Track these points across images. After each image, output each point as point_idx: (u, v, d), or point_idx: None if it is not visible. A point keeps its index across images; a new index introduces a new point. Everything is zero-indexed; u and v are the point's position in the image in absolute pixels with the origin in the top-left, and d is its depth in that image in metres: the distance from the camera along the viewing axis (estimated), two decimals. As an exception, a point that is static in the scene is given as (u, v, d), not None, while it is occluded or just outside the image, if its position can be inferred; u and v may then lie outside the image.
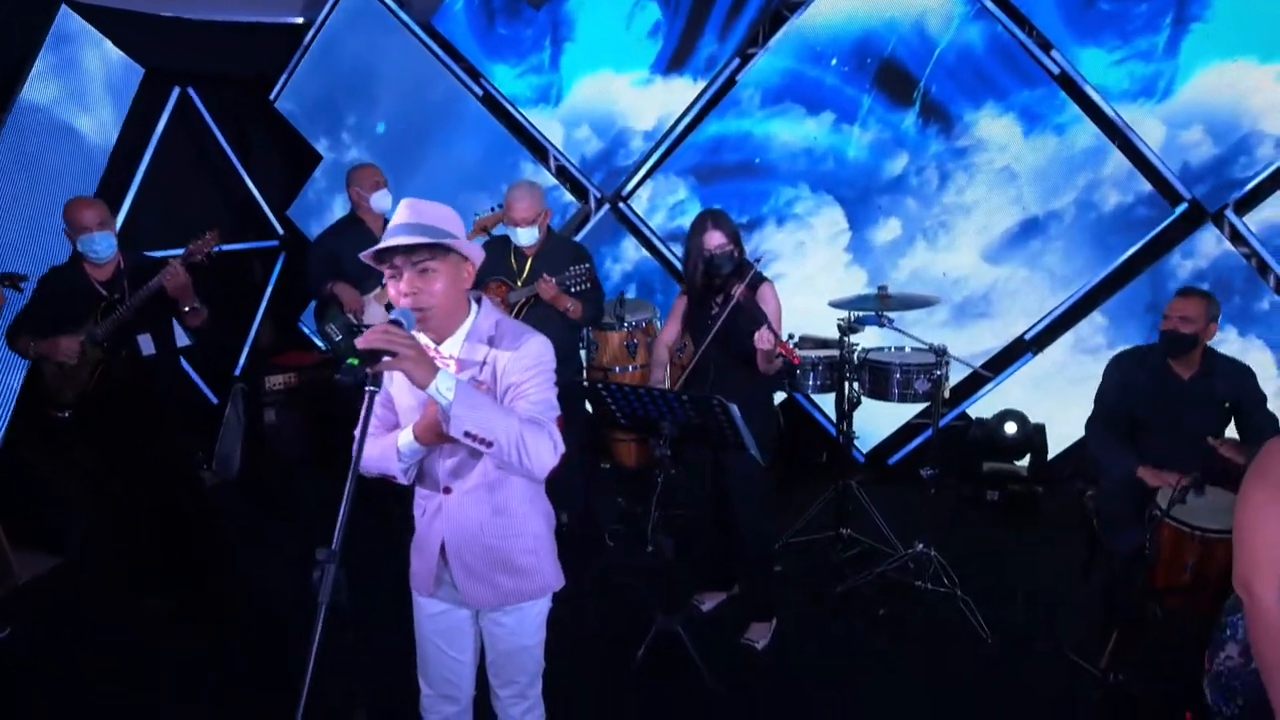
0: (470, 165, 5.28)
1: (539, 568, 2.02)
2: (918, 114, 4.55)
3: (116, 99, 4.46)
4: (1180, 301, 2.93)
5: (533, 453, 1.74)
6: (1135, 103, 4.25)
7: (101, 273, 3.23)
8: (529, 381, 1.84)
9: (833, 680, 3.06)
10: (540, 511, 2.04)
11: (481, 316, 1.90)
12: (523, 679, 2.09)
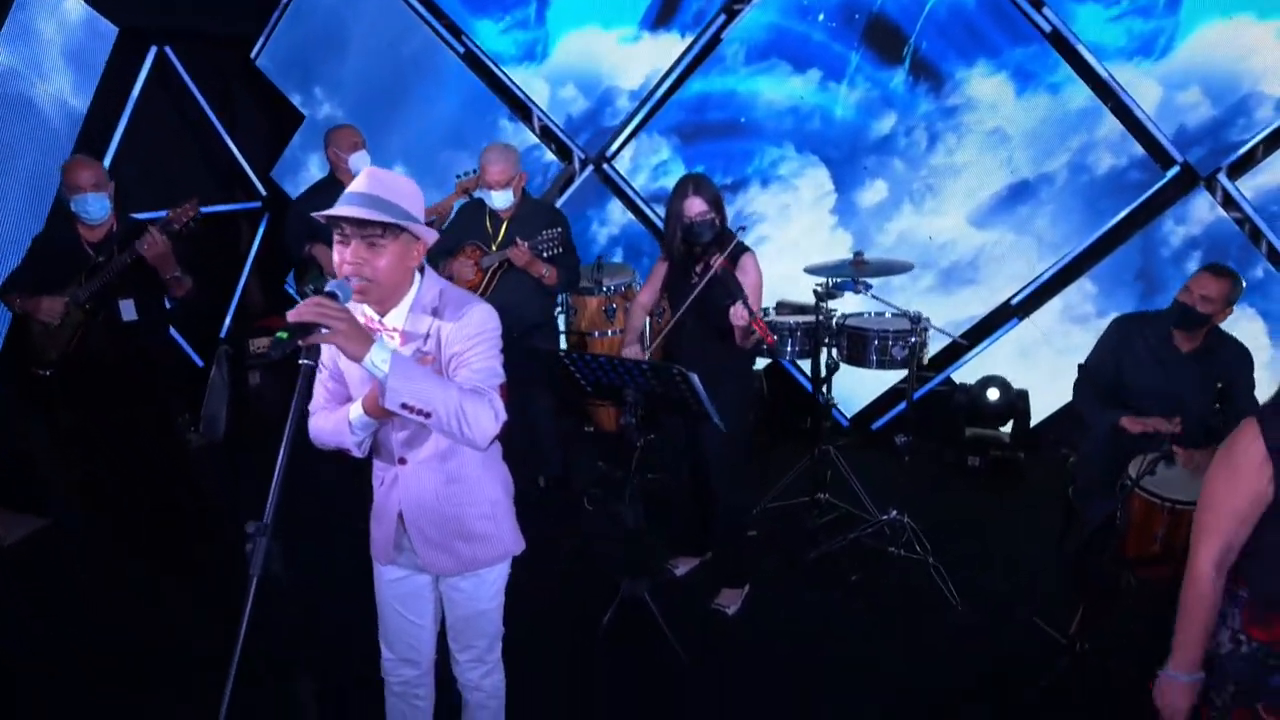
0: (451, 124, 5.17)
1: (497, 534, 2.02)
2: (907, 72, 4.42)
3: (89, 59, 4.35)
4: (1207, 279, 2.79)
5: (473, 422, 1.72)
6: (1131, 62, 4.11)
7: (94, 234, 3.21)
8: (472, 350, 1.82)
9: (801, 646, 3.07)
10: (496, 478, 2.04)
11: (425, 287, 1.88)
12: (481, 643, 2.11)
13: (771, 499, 3.97)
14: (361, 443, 1.91)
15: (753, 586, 3.35)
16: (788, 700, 2.81)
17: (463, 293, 1.92)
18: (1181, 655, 1.67)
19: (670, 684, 2.86)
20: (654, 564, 3.45)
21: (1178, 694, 1.68)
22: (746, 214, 4.72)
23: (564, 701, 2.78)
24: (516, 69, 5.08)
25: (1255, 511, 1.59)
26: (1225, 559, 1.63)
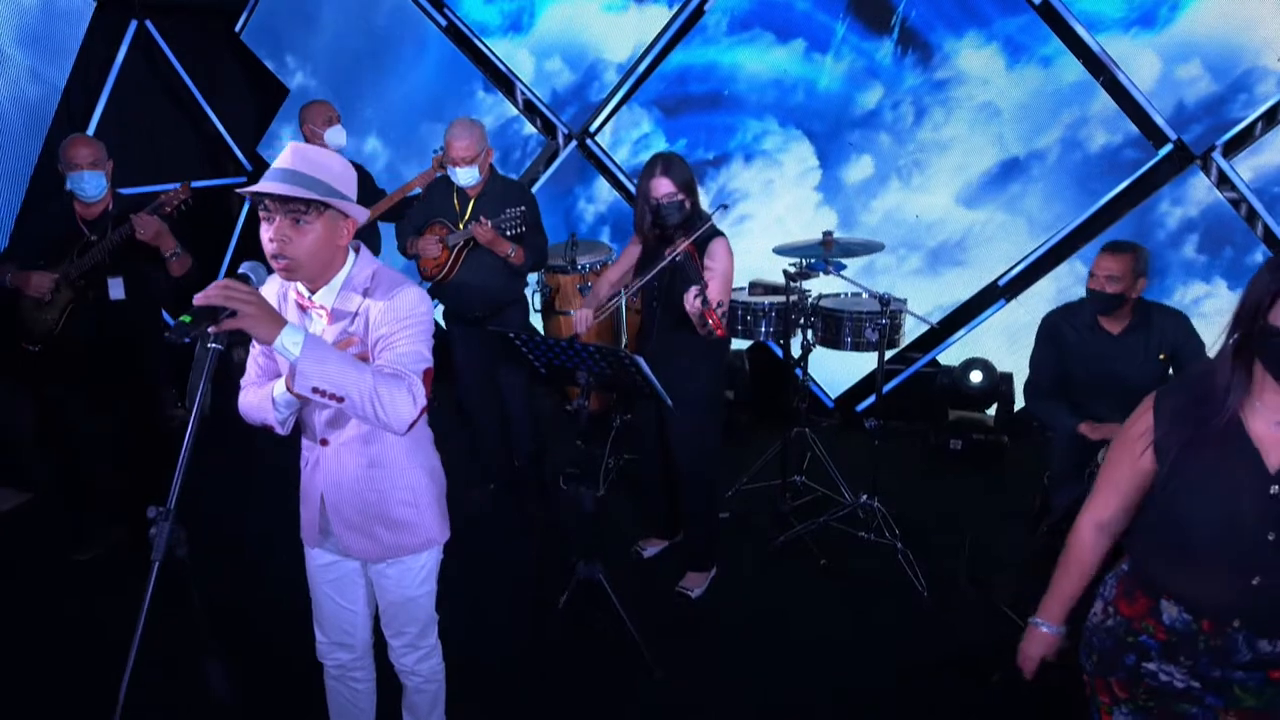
0: (431, 95, 5.08)
1: (419, 521, 1.97)
2: (895, 43, 4.27)
3: (66, 34, 4.29)
4: (1106, 258, 2.75)
5: (388, 406, 1.66)
6: (1129, 33, 3.93)
7: (90, 212, 3.21)
8: (398, 333, 1.76)
9: (762, 630, 3.03)
10: (420, 464, 1.98)
11: (358, 266, 1.82)
12: (412, 629, 2.08)
13: (746, 480, 3.91)
14: (285, 420, 1.86)
15: (720, 569, 3.31)
16: (743, 684, 2.76)
17: (395, 274, 1.86)
18: (1046, 605, 1.71)
19: (625, 666, 2.81)
20: (613, 546, 3.42)
21: (1034, 642, 1.73)
22: (729, 190, 4.61)
23: (517, 682, 2.76)
24: (501, 40, 4.96)
25: (1134, 484, 1.56)
26: (1107, 524, 1.63)
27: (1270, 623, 1.46)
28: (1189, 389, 1.50)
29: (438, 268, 3.62)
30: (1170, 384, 1.57)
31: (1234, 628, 1.46)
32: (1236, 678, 1.49)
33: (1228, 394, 1.42)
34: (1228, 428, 1.43)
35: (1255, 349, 1.39)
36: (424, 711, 2.20)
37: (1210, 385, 1.45)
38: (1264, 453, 1.43)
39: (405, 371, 1.72)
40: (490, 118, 5.05)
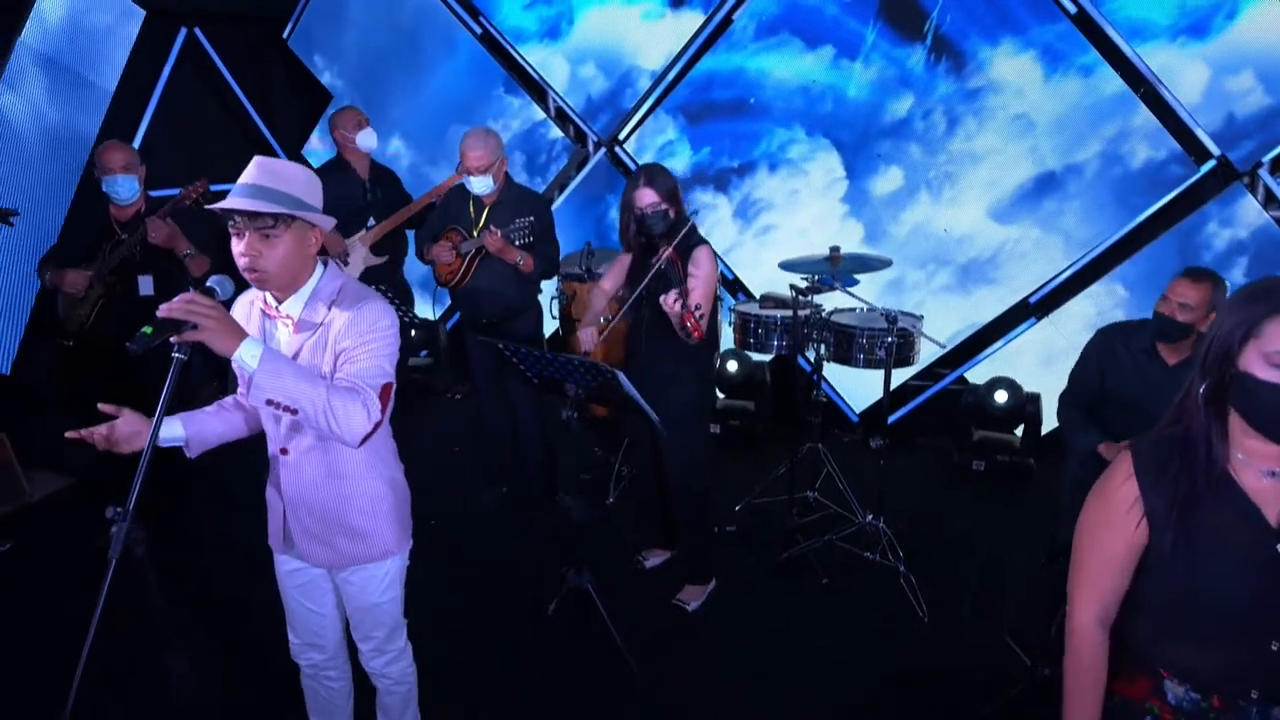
0: (460, 99, 5.15)
1: (377, 531, 1.99)
2: (927, 50, 4.12)
3: (117, 42, 4.50)
4: (1184, 284, 2.58)
5: (342, 420, 1.70)
6: (1175, 42, 3.70)
7: (123, 213, 3.38)
8: (360, 347, 1.80)
9: (757, 648, 2.99)
10: (379, 475, 2.00)
11: (326, 279, 1.86)
12: (378, 634, 2.11)
13: (758, 494, 3.86)
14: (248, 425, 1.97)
15: (722, 582, 3.29)
16: (728, 699, 2.74)
17: (362, 288, 1.90)
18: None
19: (611, 675, 2.81)
20: (618, 555, 3.44)
21: None
22: (753, 199, 4.54)
23: (500, 686, 2.79)
24: (537, 46, 4.99)
25: (1131, 561, 1.40)
26: (1108, 614, 1.44)
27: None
28: (1167, 446, 1.37)
29: (451, 274, 3.68)
30: (1142, 444, 1.41)
31: (1250, 699, 1.34)
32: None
33: (1211, 447, 1.31)
34: (1218, 484, 1.32)
35: (1229, 397, 1.29)
36: (396, 712, 2.24)
37: (1188, 439, 1.34)
38: (1263, 507, 1.31)
39: (362, 386, 1.75)
40: (517, 121, 5.11)
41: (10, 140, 4.03)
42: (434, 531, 3.70)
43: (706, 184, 4.73)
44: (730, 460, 4.37)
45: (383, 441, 2.01)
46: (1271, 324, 1.24)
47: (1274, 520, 1.31)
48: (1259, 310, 1.26)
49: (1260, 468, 1.31)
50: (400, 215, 4.03)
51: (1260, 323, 1.25)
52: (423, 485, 3.96)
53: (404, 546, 2.08)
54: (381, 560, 2.03)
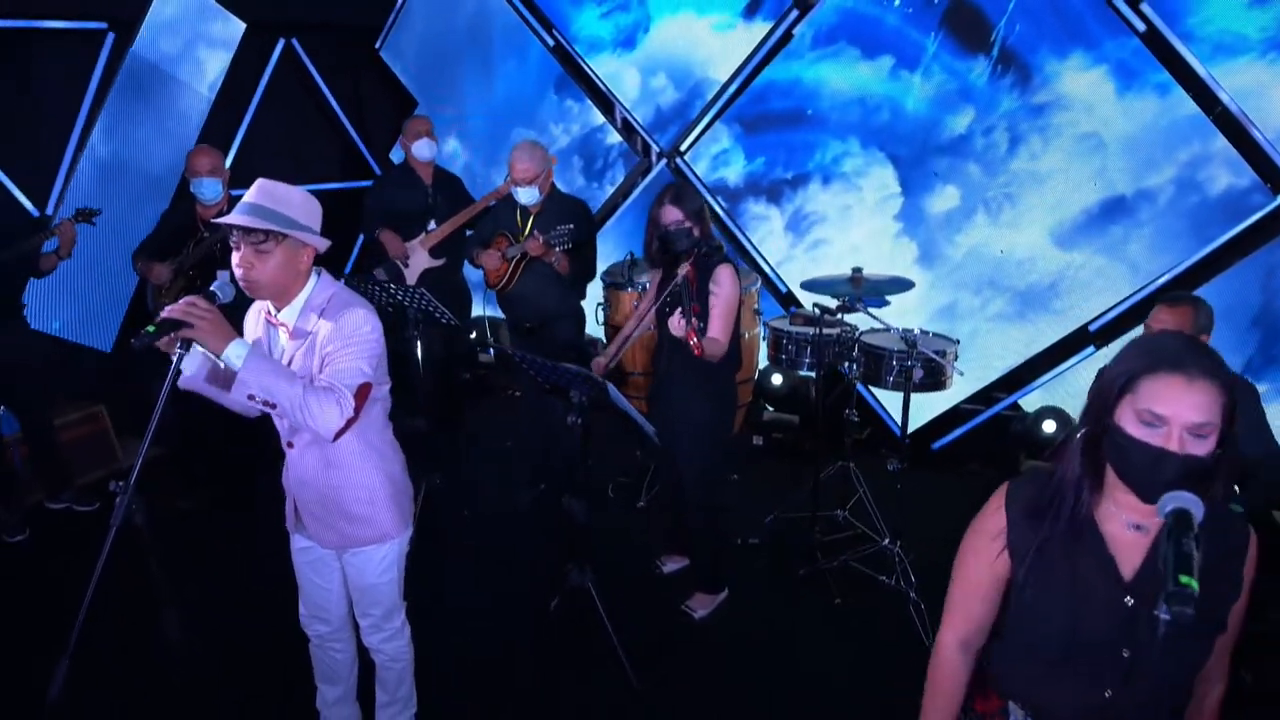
0: (525, 104, 5.31)
1: (374, 517, 2.17)
2: (993, 62, 3.92)
3: (218, 52, 4.91)
4: (1162, 311, 2.56)
5: (316, 415, 1.88)
6: (1266, 58, 3.37)
7: (208, 212, 3.74)
8: (339, 351, 1.97)
9: (757, 661, 3.01)
10: (375, 466, 2.17)
11: (318, 290, 2.05)
12: (376, 611, 2.30)
13: (788, 509, 3.84)
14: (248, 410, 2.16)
15: (736, 594, 3.32)
16: (721, 710, 2.77)
17: (351, 298, 2.06)
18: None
19: (607, 675, 2.89)
20: (641, 559, 3.54)
21: None
22: (805, 212, 4.48)
23: (497, 677, 2.92)
24: (610, 56, 5.07)
25: (995, 589, 1.44)
26: (972, 638, 1.50)
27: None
28: (1042, 485, 1.38)
29: (498, 278, 3.86)
30: (1022, 479, 1.44)
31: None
32: None
33: (1079, 493, 1.32)
34: (1081, 529, 1.33)
35: (1104, 447, 1.29)
36: (392, 686, 2.43)
37: (1061, 481, 1.35)
38: (1118, 559, 1.32)
39: (338, 386, 1.93)
40: (576, 126, 5.23)
41: (121, 140, 4.52)
42: (465, 525, 3.92)
43: (760, 195, 4.71)
44: (770, 472, 4.35)
45: (377, 434, 2.18)
46: (1146, 381, 1.23)
47: (1129, 573, 1.32)
48: (1138, 366, 1.26)
49: (1127, 519, 1.32)
50: (457, 220, 4.25)
51: (1137, 379, 1.25)
52: (468, 479, 4.23)
53: (401, 532, 2.24)
54: (380, 543, 2.21)
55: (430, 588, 3.32)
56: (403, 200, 4.32)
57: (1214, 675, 1.38)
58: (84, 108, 4.34)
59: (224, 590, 3.32)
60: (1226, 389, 1.22)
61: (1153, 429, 1.21)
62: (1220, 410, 1.21)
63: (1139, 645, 1.29)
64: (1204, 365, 1.22)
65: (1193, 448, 1.20)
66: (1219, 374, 1.22)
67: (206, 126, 4.84)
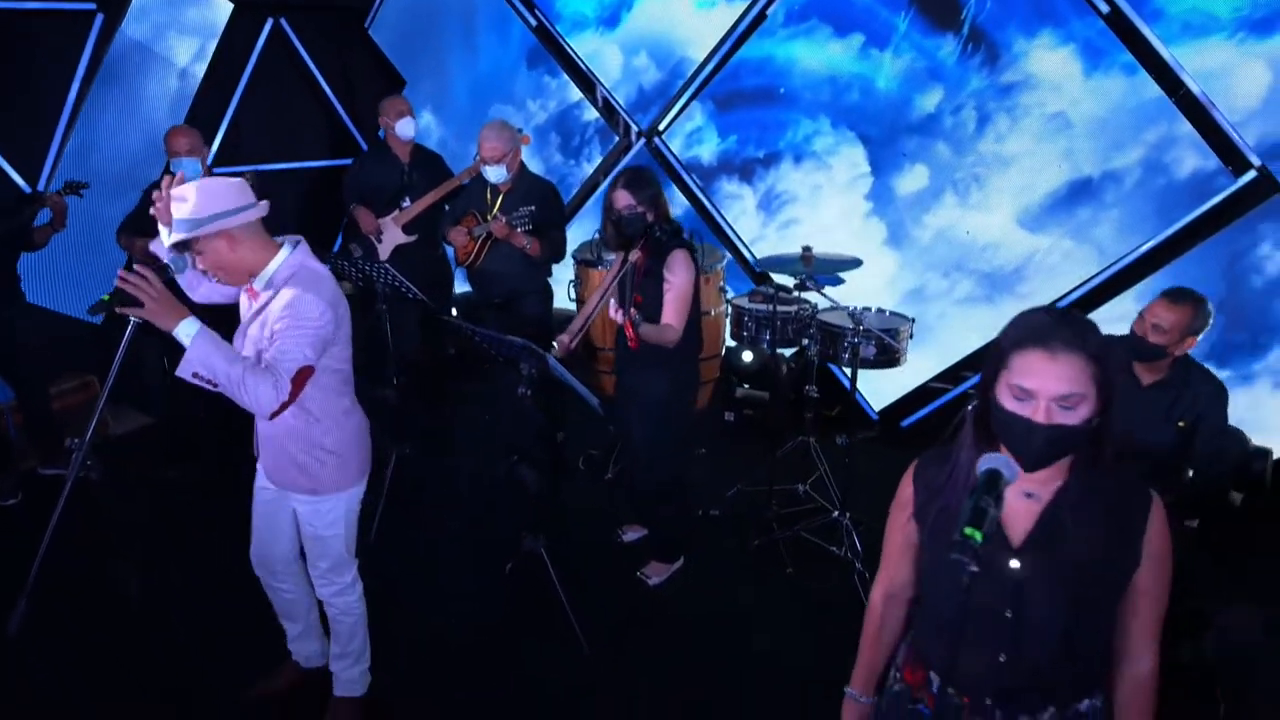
0: (503, 80, 5.32)
1: (317, 472, 2.31)
2: (963, 41, 3.87)
3: (207, 32, 4.97)
4: (1161, 306, 2.47)
5: (251, 393, 2.01)
6: (1235, 39, 3.29)
7: None
8: (285, 331, 2.08)
9: (703, 623, 3.13)
10: (328, 431, 2.30)
11: (284, 264, 2.16)
12: (324, 563, 2.43)
13: (751, 483, 3.92)
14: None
15: (692, 564, 3.42)
16: (666, 668, 2.89)
17: (313, 279, 2.16)
18: (854, 674, 1.70)
19: (559, 636, 3.00)
20: (607, 528, 3.64)
21: (847, 711, 1.71)
22: (777, 191, 4.48)
23: (451, 637, 3.04)
24: (593, 35, 5.06)
25: (907, 554, 1.54)
26: (895, 594, 1.60)
27: (1024, 699, 1.41)
28: (945, 458, 1.45)
29: (466, 255, 3.94)
30: (930, 453, 1.51)
31: (988, 704, 1.42)
32: None
33: (966, 460, 1.38)
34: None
35: (990, 420, 1.34)
36: (344, 639, 2.56)
37: (958, 454, 1.41)
38: (1008, 525, 1.37)
39: (278, 369, 2.04)
40: (554, 102, 5.24)
41: (111, 118, 4.65)
42: (436, 493, 4.04)
43: (733, 174, 4.72)
44: (739, 447, 4.42)
45: (332, 402, 2.29)
46: (1015, 357, 1.28)
47: (1017, 539, 1.36)
48: (1008, 342, 1.30)
49: (1021, 488, 1.34)
50: (429, 198, 4.32)
51: (1008, 354, 1.29)
52: (445, 449, 4.34)
53: (347, 489, 2.37)
54: (317, 495, 2.34)
55: (396, 552, 3.47)
56: (378, 177, 4.41)
57: (1135, 651, 1.39)
58: (74, 86, 4.46)
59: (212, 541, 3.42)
60: (1094, 359, 1.25)
61: (1023, 402, 1.26)
62: (1089, 380, 1.25)
63: (1020, 606, 1.34)
64: (1068, 339, 1.25)
65: (1061, 418, 1.24)
66: (1085, 346, 1.25)
67: (195, 105, 4.95)
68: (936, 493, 1.43)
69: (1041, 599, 1.34)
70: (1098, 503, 1.33)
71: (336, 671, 2.59)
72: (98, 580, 2.94)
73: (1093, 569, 1.32)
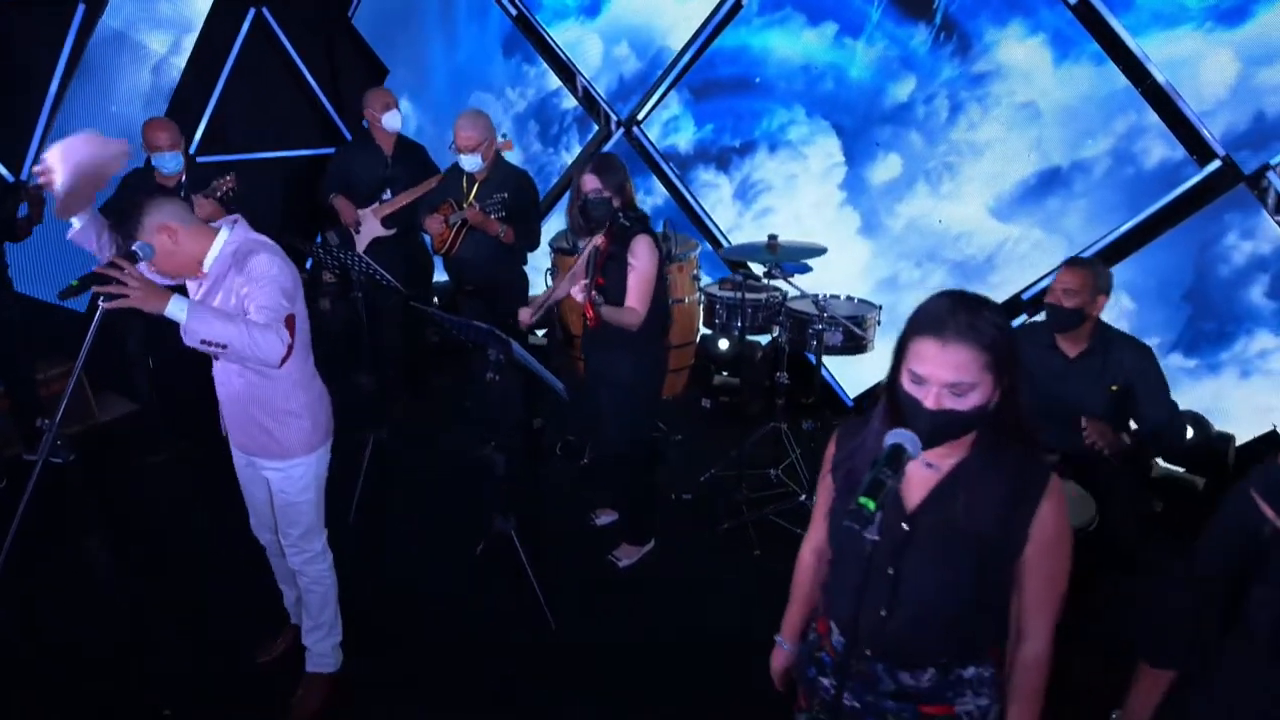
0: (481, 67, 5.32)
1: (283, 435, 2.41)
2: (936, 30, 3.86)
3: (189, 22, 4.97)
4: (1065, 272, 2.69)
5: (262, 347, 2.08)
6: (1203, 28, 3.28)
7: (168, 182, 3.89)
8: (255, 291, 2.18)
9: (669, 603, 3.19)
10: (291, 395, 2.39)
11: (227, 242, 2.26)
12: (294, 530, 2.52)
13: (723, 468, 3.96)
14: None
15: (662, 545, 3.48)
16: (631, 648, 2.96)
17: (254, 244, 2.27)
18: (783, 624, 1.81)
19: (527, 615, 3.07)
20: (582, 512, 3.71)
21: (775, 657, 1.83)
22: (753, 180, 4.49)
23: (423, 613, 3.13)
24: (573, 24, 5.06)
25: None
26: (821, 549, 1.67)
27: (904, 657, 1.48)
28: (862, 422, 1.52)
29: (442, 242, 3.98)
30: (851, 421, 1.58)
31: (869, 657, 1.50)
32: (888, 707, 1.52)
33: (879, 429, 1.43)
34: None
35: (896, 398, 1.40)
36: (315, 610, 2.64)
37: (870, 424, 1.47)
38: (906, 491, 1.44)
39: (272, 320, 2.14)
40: (532, 90, 5.24)
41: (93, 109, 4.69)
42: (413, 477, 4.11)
43: (709, 162, 4.73)
44: (715, 433, 4.46)
45: (298, 367, 2.38)
46: (912, 344, 1.34)
47: (912, 504, 1.43)
48: (907, 329, 1.36)
49: (924, 458, 1.38)
50: (409, 195, 4.34)
51: (907, 341, 1.35)
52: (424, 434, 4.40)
53: (312, 453, 2.45)
54: (285, 459, 2.42)
55: (373, 533, 3.56)
56: (360, 168, 4.43)
57: (1025, 631, 1.45)
58: (56, 77, 4.50)
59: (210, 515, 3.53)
60: (987, 348, 1.29)
61: (918, 385, 1.32)
62: (980, 369, 1.29)
63: (901, 566, 1.41)
64: (961, 328, 1.29)
65: (951, 403, 1.30)
66: (979, 336, 1.29)
67: (177, 95, 4.97)
68: (849, 456, 1.49)
69: (921, 562, 1.41)
70: (995, 480, 1.38)
71: (310, 645, 2.68)
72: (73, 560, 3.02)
73: (976, 542, 1.38)
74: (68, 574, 3.24)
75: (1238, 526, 1.24)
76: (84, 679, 2.78)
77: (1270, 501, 1.20)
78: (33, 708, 2.68)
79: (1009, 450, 1.39)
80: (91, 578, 3.30)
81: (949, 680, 1.48)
